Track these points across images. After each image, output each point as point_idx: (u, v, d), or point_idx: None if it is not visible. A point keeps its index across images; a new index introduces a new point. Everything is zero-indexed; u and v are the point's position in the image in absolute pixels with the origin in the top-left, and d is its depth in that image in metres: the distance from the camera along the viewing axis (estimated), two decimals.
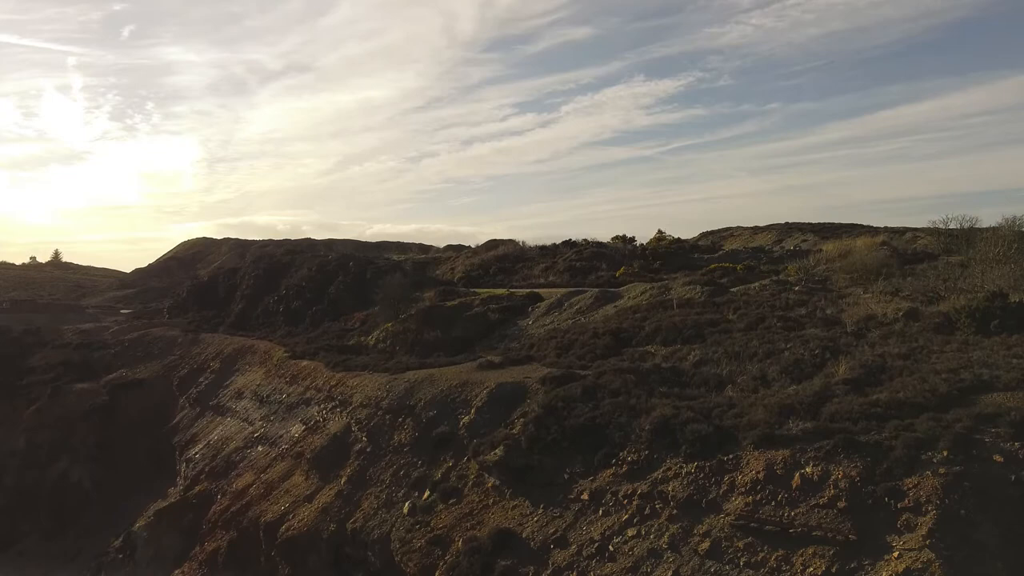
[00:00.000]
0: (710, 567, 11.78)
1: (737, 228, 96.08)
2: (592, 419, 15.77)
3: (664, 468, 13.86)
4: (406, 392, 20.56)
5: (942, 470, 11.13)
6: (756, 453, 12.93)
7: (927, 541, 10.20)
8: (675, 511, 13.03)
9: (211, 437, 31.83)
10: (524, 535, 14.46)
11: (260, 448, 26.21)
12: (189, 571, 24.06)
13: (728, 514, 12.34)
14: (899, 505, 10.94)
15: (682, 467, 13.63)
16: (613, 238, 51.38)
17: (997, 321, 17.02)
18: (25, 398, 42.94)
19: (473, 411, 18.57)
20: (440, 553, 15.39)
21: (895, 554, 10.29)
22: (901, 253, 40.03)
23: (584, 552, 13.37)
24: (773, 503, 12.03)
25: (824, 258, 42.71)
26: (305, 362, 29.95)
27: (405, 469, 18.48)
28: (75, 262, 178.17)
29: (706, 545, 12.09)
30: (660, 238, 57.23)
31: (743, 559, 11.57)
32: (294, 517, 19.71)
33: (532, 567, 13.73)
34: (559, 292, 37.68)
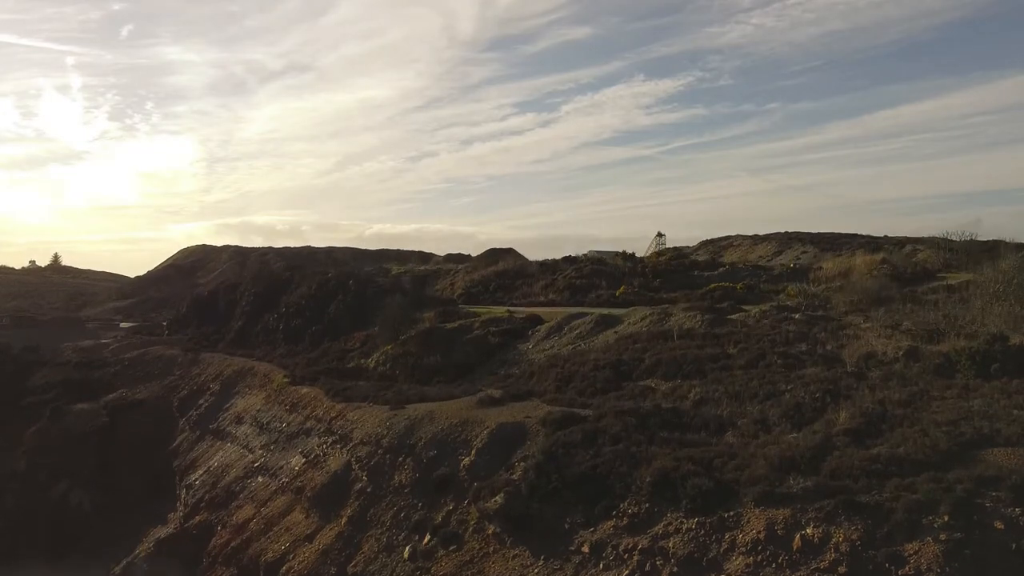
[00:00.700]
0: None
1: (737, 237, 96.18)
2: (593, 467, 15.75)
3: (665, 523, 13.83)
4: (406, 430, 20.55)
5: (943, 536, 11.12)
6: (757, 511, 12.92)
7: None
8: (676, 569, 13.00)
9: (211, 463, 31.81)
10: None
11: (260, 479, 26.18)
12: None
13: (729, 575, 12.32)
14: (900, 572, 10.91)
15: (683, 522, 13.60)
16: (614, 254, 51.36)
17: (997, 364, 17.03)
18: (26, 418, 42.92)
19: (473, 452, 18.55)
20: None
21: None
22: (900, 272, 40.01)
23: None
24: (774, 565, 12.01)
25: (824, 276, 42.80)
26: (305, 389, 29.93)
27: (406, 511, 18.46)
28: (74, 265, 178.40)
29: None
30: (660, 252, 57.28)
31: None
32: (295, 558, 19.69)
33: None
34: (559, 314, 37.66)
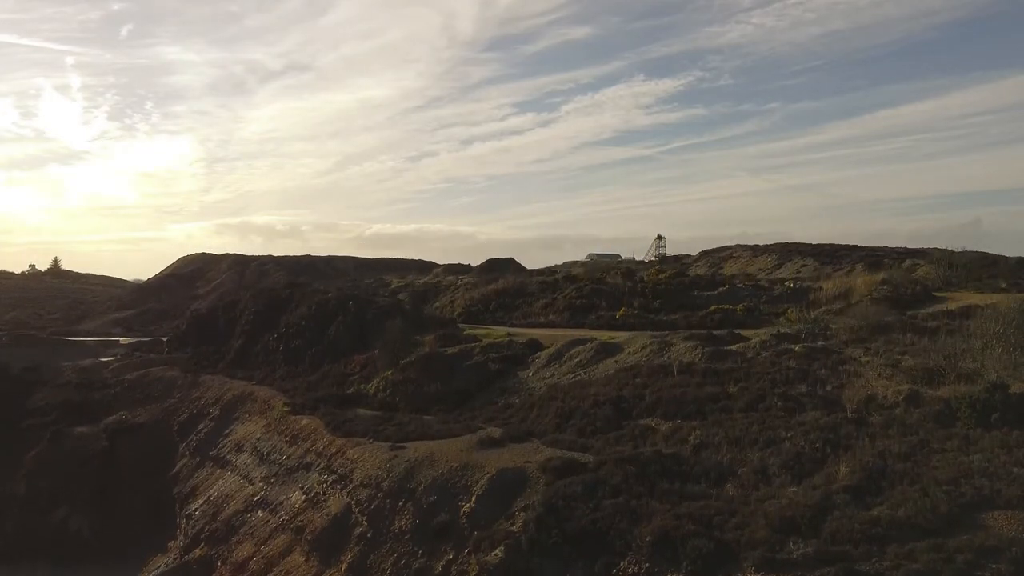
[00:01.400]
0: None
1: (736, 247, 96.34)
2: (593, 522, 15.74)
3: None
4: (407, 473, 20.54)
5: None
6: None
7: None
8: None
9: (211, 492, 31.79)
10: None
11: (260, 513, 26.16)
12: None
13: None
14: None
15: None
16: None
17: (997, 414, 17.01)
18: (26, 441, 42.97)
19: (474, 499, 18.54)
20: None
21: None
22: (900, 294, 40.00)
23: None
24: None
25: (824, 298, 42.81)
26: (305, 420, 29.91)
27: (406, 559, 18.44)
28: (74, 269, 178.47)
29: None
30: (660, 268, 57.31)
31: None
32: None
33: None
34: (559, 338, 37.66)
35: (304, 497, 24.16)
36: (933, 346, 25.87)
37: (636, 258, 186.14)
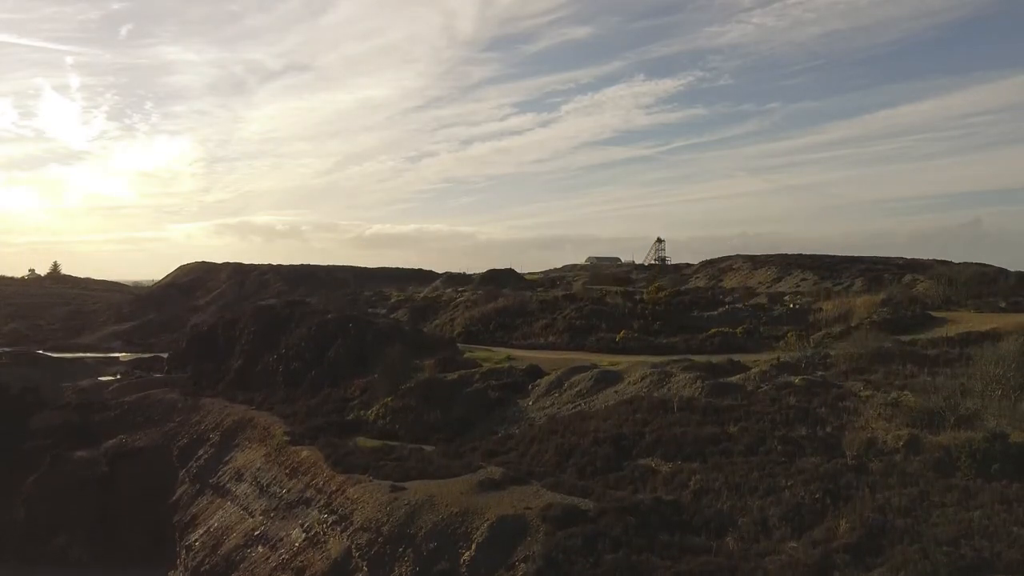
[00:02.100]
0: None
1: (736, 258, 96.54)
2: None
3: None
4: (407, 517, 20.52)
5: None
6: None
7: None
8: None
9: (211, 523, 31.76)
10: None
11: (260, 549, 26.13)
12: None
13: None
14: None
15: None
16: (615, 293, 51.38)
17: (997, 465, 17.03)
18: (26, 464, 42.89)
19: (474, 547, 18.53)
20: None
21: None
22: (900, 317, 40.03)
23: None
24: None
25: (824, 319, 42.87)
26: (305, 452, 29.89)
27: None
28: (74, 271, 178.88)
29: None
30: (660, 287, 57.34)
31: None
32: None
33: None
34: (559, 362, 37.70)
35: (304, 535, 24.14)
36: (933, 382, 25.92)
37: (636, 261, 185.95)
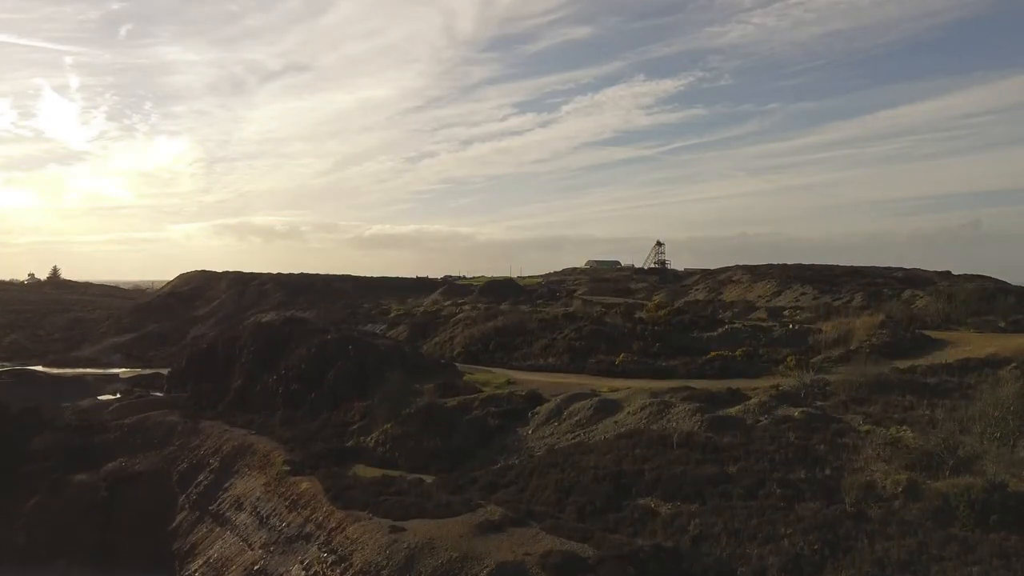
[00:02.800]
0: None
1: (736, 270, 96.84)
2: None
3: None
4: (406, 562, 20.51)
5: None
6: None
7: None
8: None
9: (211, 553, 31.76)
10: None
11: None
12: None
13: None
14: None
15: None
16: (615, 312, 51.40)
17: (996, 516, 17.04)
18: (25, 488, 42.82)
19: None
20: None
21: None
22: (899, 340, 40.10)
23: None
24: None
25: (823, 342, 42.92)
26: (305, 483, 29.89)
27: None
28: (73, 274, 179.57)
29: None
30: (660, 304, 57.39)
31: None
32: None
33: None
34: (559, 386, 37.79)
35: (304, 574, 24.13)
36: (932, 416, 25.99)
37: (635, 265, 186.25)
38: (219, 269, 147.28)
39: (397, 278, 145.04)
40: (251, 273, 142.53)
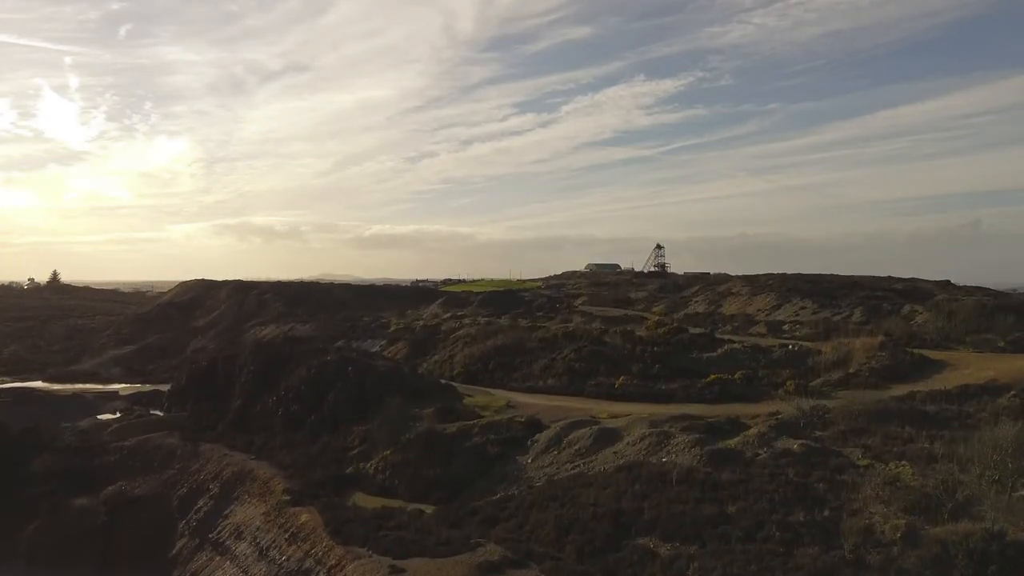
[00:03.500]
0: None
1: (736, 282, 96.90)
2: None
3: None
4: None
5: None
6: None
7: None
8: None
9: None
10: None
11: None
12: None
13: None
14: None
15: None
16: (614, 332, 51.42)
17: (995, 567, 17.06)
18: (26, 511, 42.82)
19: None
20: None
21: None
22: (899, 362, 40.14)
23: None
24: None
25: (823, 364, 42.94)
26: (304, 516, 29.87)
27: None
28: (73, 277, 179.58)
29: None
30: (659, 322, 57.41)
31: None
32: None
33: None
34: (559, 411, 37.83)
35: None
36: (930, 449, 26.03)
37: (635, 268, 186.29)
38: (219, 268, 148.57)
39: (396, 285, 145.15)
40: (251, 281, 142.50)
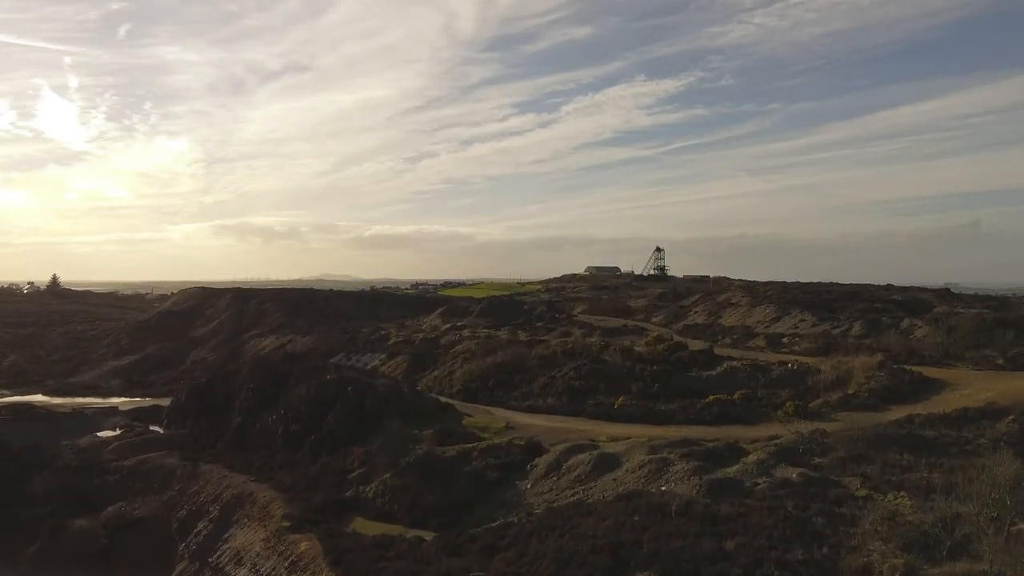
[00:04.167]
0: None
1: (736, 291, 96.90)
2: None
3: None
4: None
5: None
6: None
7: None
8: None
9: None
10: None
11: None
12: None
13: None
14: None
15: None
16: (613, 349, 51.42)
17: None
18: (25, 532, 42.86)
19: None
20: None
21: None
22: (898, 383, 40.19)
23: None
24: None
25: (822, 383, 42.99)
26: (304, 544, 29.89)
27: None
28: (73, 277, 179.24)
29: None
30: (659, 338, 57.45)
31: None
32: None
33: None
34: (558, 432, 37.89)
35: None
36: (929, 477, 26.07)
37: (635, 271, 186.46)
38: (218, 268, 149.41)
39: (396, 292, 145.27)
40: (251, 289, 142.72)
